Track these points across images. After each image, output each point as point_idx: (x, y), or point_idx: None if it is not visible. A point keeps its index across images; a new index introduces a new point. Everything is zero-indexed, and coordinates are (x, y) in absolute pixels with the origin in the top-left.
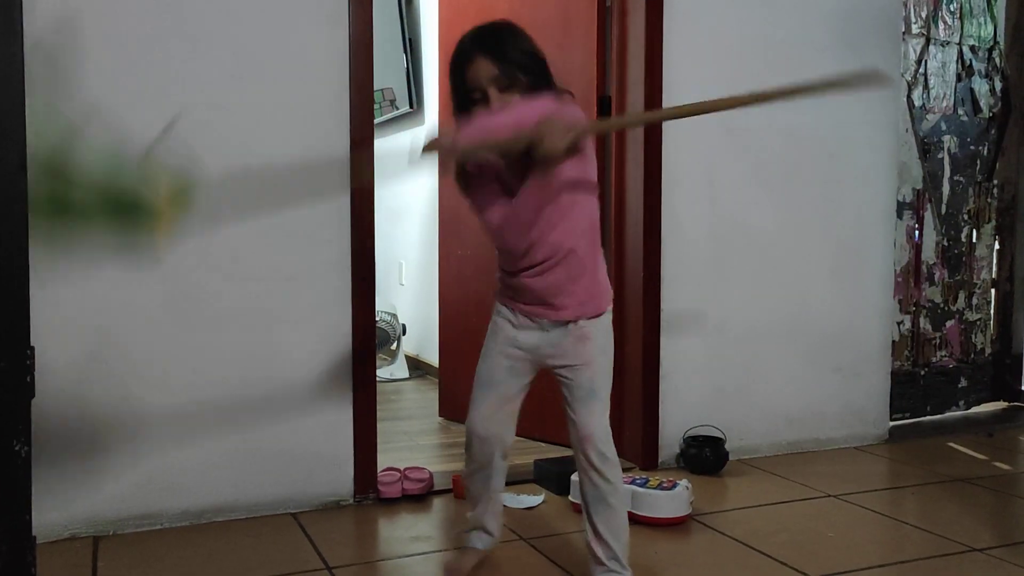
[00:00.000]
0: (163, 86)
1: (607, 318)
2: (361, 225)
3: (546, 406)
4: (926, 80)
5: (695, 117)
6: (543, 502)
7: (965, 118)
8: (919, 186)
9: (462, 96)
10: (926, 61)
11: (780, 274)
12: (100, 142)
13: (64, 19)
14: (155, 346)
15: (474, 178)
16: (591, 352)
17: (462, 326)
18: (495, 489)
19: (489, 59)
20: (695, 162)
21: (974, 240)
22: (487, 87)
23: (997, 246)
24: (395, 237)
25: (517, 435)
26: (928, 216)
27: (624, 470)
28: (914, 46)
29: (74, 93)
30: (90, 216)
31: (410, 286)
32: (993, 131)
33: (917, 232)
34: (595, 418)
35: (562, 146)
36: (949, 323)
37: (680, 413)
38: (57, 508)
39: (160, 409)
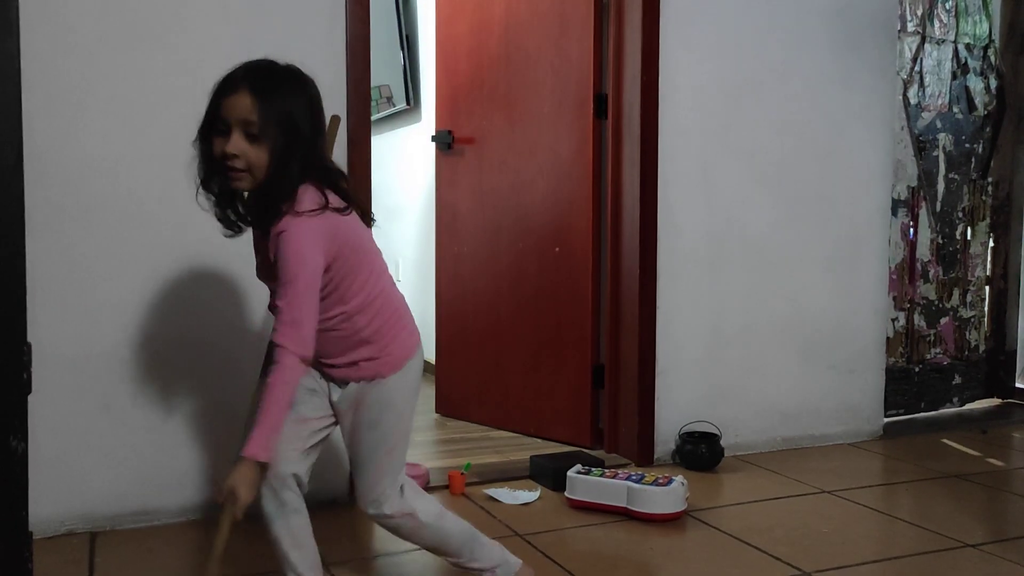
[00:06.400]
0: (159, 83)
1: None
2: None
3: (542, 401)
4: (921, 78)
5: (693, 109)
6: (539, 498)
7: (960, 116)
8: (914, 183)
9: (209, 121)
10: (922, 59)
11: (775, 271)
12: None
13: (59, 15)
14: (153, 343)
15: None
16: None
17: (459, 324)
18: (303, 541)
19: (251, 99)
20: (691, 159)
21: (968, 237)
22: (233, 126)
23: (992, 243)
24: (392, 234)
25: (512, 431)
26: (923, 213)
27: (620, 466)
28: (910, 44)
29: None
30: None
31: (407, 283)
32: (988, 129)
33: (912, 229)
34: (364, 491)
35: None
36: (943, 320)
37: (676, 409)
38: (53, 504)
39: (157, 405)
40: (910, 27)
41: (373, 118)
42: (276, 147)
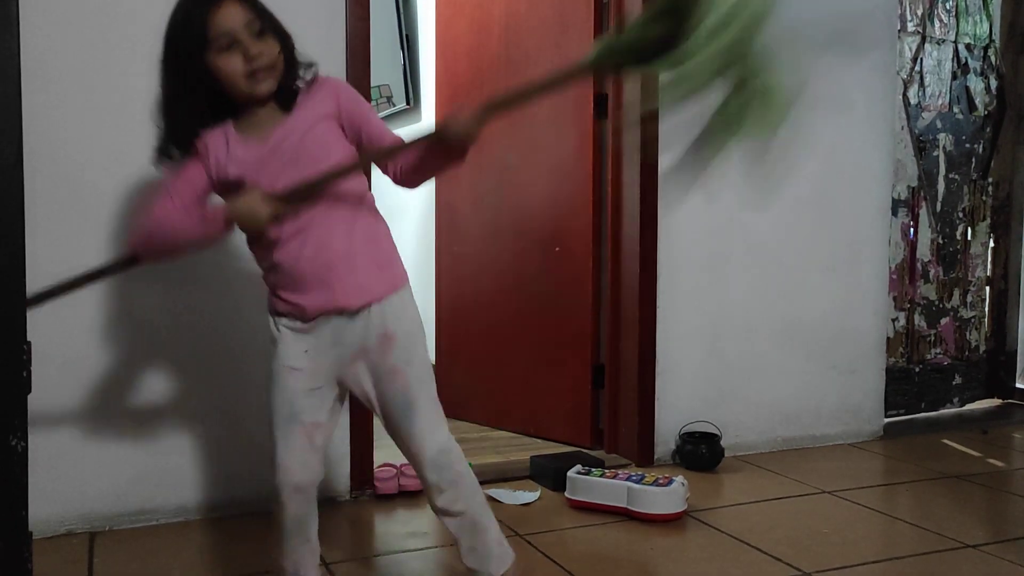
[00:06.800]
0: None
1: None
2: None
3: (542, 402)
4: (922, 78)
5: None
6: (539, 498)
7: (960, 116)
8: (914, 184)
9: (196, 67)
10: (922, 59)
11: (775, 271)
12: None
13: (59, 15)
14: (153, 342)
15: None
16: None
17: (458, 323)
18: (314, 535)
19: (239, 3)
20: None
21: (969, 238)
22: (240, 33)
23: (992, 244)
24: (392, 234)
25: (512, 431)
26: (923, 214)
27: (620, 466)
28: (910, 44)
29: None
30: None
31: None
32: (988, 129)
33: (912, 229)
34: (424, 435)
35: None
36: (944, 320)
37: (676, 410)
38: (53, 504)
39: (156, 405)
40: (910, 27)
41: None
42: (278, 34)
